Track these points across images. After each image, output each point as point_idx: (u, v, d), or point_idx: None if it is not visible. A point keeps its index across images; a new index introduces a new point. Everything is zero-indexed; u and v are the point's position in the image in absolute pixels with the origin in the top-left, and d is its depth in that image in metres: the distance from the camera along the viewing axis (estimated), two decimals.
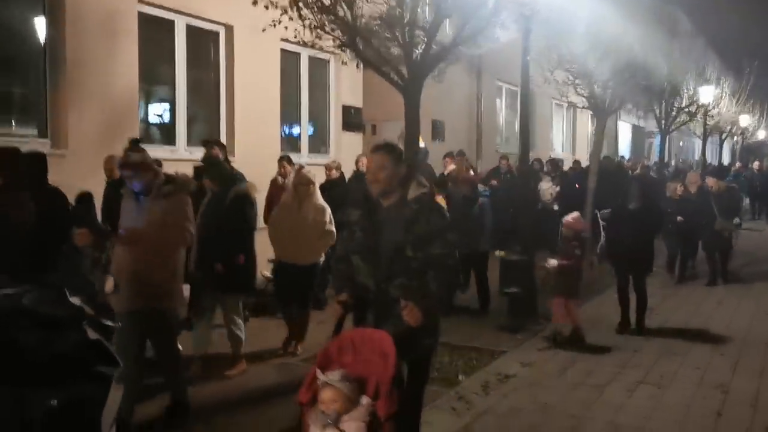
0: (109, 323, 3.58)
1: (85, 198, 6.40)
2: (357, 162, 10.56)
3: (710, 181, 11.09)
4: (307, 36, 6.90)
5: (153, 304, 4.83)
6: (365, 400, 3.32)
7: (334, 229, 6.70)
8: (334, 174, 9.56)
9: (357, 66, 7.36)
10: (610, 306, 9.24)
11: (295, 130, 11.39)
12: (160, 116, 9.30)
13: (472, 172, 11.47)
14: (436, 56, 6.80)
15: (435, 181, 9.52)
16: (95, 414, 3.39)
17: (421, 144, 11.13)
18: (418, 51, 6.76)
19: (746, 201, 23.40)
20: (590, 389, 5.94)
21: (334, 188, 8.97)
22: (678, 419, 5.26)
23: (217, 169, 6.38)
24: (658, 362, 6.72)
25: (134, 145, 5.14)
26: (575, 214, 7.83)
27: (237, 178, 6.52)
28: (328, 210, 6.82)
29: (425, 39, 6.61)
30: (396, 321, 3.58)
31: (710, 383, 6.09)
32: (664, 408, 5.50)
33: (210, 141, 8.04)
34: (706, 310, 9.08)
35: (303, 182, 6.69)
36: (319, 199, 6.81)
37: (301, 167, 6.98)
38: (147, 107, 9.01)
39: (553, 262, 7.57)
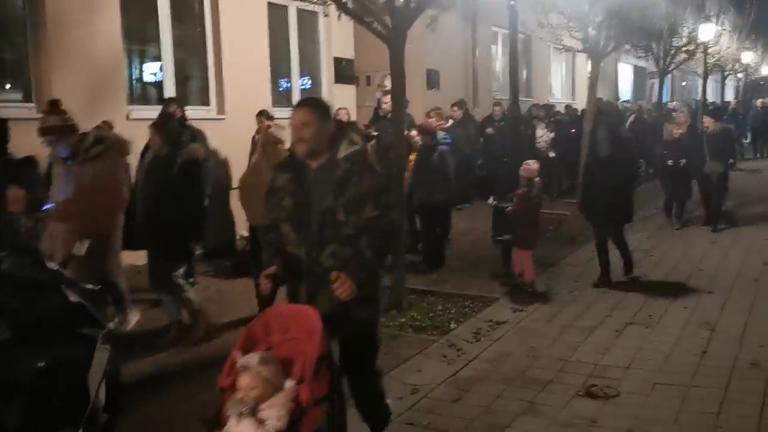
0: (89, 286, 3.64)
1: (29, 162, 5.83)
2: (335, 114, 10.46)
3: (706, 121, 10.71)
4: None
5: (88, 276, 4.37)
6: (289, 384, 2.98)
7: None
8: None
9: (339, 17, 7.26)
10: None
11: (287, 85, 11.30)
12: (148, 75, 9.22)
13: (450, 122, 11.32)
14: (420, 3, 6.68)
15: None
16: (82, 374, 3.48)
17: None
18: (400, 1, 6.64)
19: (748, 139, 23.24)
20: (579, 332, 6.04)
21: None
22: (663, 358, 5.35)
23: (164, 129, 5.88)
24: (648, 303, 6.80)
25: (52, 107, 4.73)
26: (530, 161, 7.71)
27: (186, 139, 6.13)
28: None
29: None
30: (330, 294, 3.30)
31: (698, 322, 6.18)
32: (650, 348, 5.60)
33: (167, 99, 7.73)
34: (700, 250, 9.12)
35: (271, 141, 6.21)
36: None
37: (269, 126, 6.62)
38: (133, 67, 8.93)
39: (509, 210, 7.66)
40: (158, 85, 9.08)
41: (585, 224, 10.63)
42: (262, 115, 8.85)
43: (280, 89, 11.01)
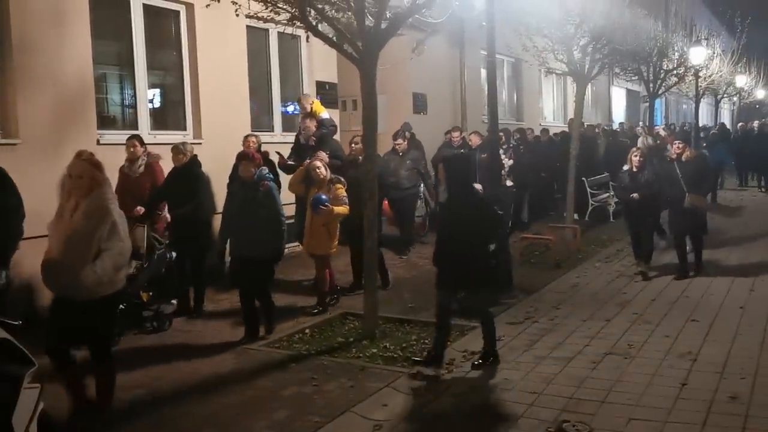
0: (10, 321, 3.41)
1: None
2: (243, 142, 8.63)
3: (676, 146, 9.03)
4: (255, 8, 6.59)
5: None
6: None
7: (124, 243, 4.71)
8: (182, 159, 7.46)
9: (307, 39, 7.11)
10: (590, 275, 9.13)
11: (267, 109, 11.15)
12: (121, 100, 9.04)
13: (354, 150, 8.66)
14: (391, 26, 6.53)
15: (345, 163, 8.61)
16: (5, 417, 3.24)
17: (325, 114, 9.73)
18: (371, 21, 6.49)
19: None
20: (555, 363, 5.79)
21: (178, 177, 7.45)
22: (641, 391, 5.10)
23: None
24: (629, 331, 6.57)
25: None
26: None
27: None
28: (114, 214, 4.66)
29: (375, 9, 6.33)
30: None
31: (679, 351, 5.94)
32: (628, 379, 5.35)
33: None
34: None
35: (74, 173, 4.62)
36: (101, 198, 4.64)
37: (82, 151, 4.88)
38: (104, 91, 8.75)
39: None
40: (131, 110, 8.90)
41: (570, 249, 10.55)
42: (135, 138, 7.67)
43: (258, 114, 10.80)
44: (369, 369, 5.73)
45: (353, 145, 8.47)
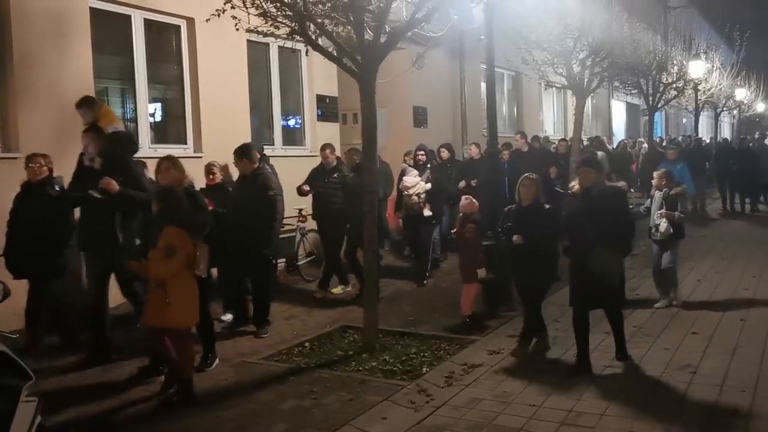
0: (8, 335, 3.41)
1: None
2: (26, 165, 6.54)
3: (581, 175, 5.85)
4: (255, 22, 6.63)
5: None
6: None
7: None
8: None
9: (306, 53, 7.15)
10: None
11: (268, 123, 11.19)
12: (121, 114, 9.05)
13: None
14: (390, 39, 6.57)
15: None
16: (2, 430, 3.24)
17: (118, 126, 6.88)
18: (371, 35, 6.53)
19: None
20: (555, 375, 5.78)
21: None
22: (639, 404, 5.08)
23: None
24: (629, 344, 6.48)
25: None
26: (469, 197, 7.82)
27: None
28: None
29: (374, 23, 6.37)
30: None
31: (679, 364, 5.93)
32: (627, 392, 5.33)
33: None
34: (687, 289, 8.80)
35: None
36: None
37: None
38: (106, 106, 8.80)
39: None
40: (132, 124, 8.94)
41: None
42: None
43: (259, 128, 10.85)
44: (368, 382, 5.72)
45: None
